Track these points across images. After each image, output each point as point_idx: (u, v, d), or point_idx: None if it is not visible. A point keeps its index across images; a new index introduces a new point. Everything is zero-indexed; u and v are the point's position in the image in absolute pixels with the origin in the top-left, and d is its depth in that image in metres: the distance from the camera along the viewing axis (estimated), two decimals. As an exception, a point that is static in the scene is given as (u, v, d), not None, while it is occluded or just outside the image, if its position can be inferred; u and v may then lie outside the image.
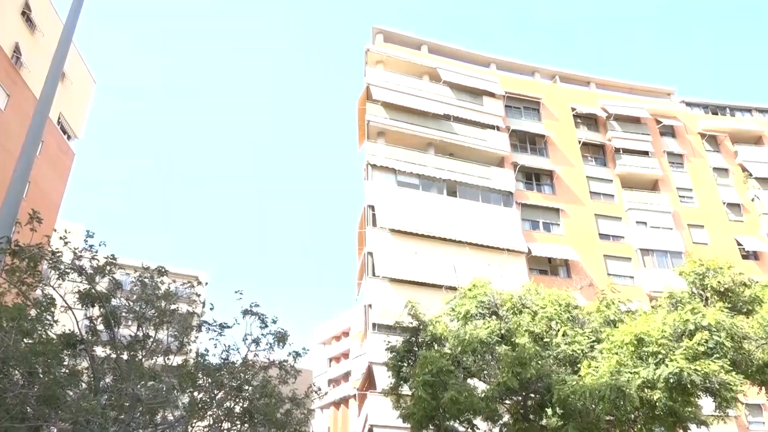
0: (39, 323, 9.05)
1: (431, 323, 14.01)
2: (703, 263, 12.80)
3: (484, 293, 13.91)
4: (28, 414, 8.38)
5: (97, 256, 10.47)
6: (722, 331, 10.38)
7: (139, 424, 9.87)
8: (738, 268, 13.24)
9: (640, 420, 10.98)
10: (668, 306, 12.45)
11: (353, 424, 56.17)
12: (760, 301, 12.30)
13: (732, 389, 9.70)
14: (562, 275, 37.06)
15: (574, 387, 10.52)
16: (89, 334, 10.55)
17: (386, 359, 14.46)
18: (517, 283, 16.07)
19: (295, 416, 12.27)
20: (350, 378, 65.11)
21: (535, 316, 12.86)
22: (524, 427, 12.46)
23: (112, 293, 10.54)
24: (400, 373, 13.92)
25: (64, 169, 28.93)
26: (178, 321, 11.21)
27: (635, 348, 9.96)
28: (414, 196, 36.33)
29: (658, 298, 13.20)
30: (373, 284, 33.59)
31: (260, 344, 11.58)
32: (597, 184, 41.14)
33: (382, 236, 34.62)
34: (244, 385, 11.27)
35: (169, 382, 10.32)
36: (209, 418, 11.10)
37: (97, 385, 9.68)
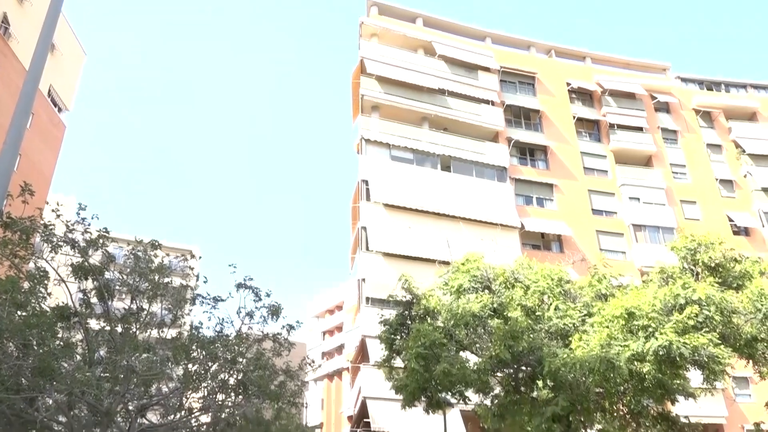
0: (32, 296, 9.06)
1: (424, 297, 14.08)
2: (694, 239, 12.86)
3: (477, 268, 13.96)
4: (23, 385, 8.43)
5: (89, 229, 10.44)
6: (712, 306, 10.48)
7: (134, 396, 9.95)
8: (729, 243, 13.34)
9: (629, 392, 11.14)
10: (659, 281, 12.55)
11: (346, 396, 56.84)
12: (749, 277, 12.41)
13: (720, 362, 9.84)
14: (554, 250, 37.28)
15: (564, 360, 10.64)
16: (83, 307, 10.57)
17: (379, 332, 14.56)
18: (510, 257, 16.15)
19: (288, 388, 12.40)
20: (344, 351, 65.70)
21: (528, 291, 12.94)
22: (515, 399, 12.62)
23: (105, 266, 10.54)
24: (393, 346, 14.02)
25: (55, 142, 28.68)
26: (172, 294, 11.25)
27: (626, 322, 10.06)
28: (408, 171, 36.28)
29: (650, 273, 13.30)
30: (367, 258, 33.70)
31: (254, 317, 11.66)
32: (591, 159, 41.17)
33: (375, 211, 34.64)
34: (238, 357, 11.35)
35: (164, 355, 10.39)
36: (204, 390, 11.21)
37: (91, 358, 9.73)
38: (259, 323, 11.74)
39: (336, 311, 79.86)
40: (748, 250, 29.89)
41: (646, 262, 34.46)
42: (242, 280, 11.63)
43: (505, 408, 12.70)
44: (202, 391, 11.24)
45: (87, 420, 9.49)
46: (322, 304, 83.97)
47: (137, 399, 10.16)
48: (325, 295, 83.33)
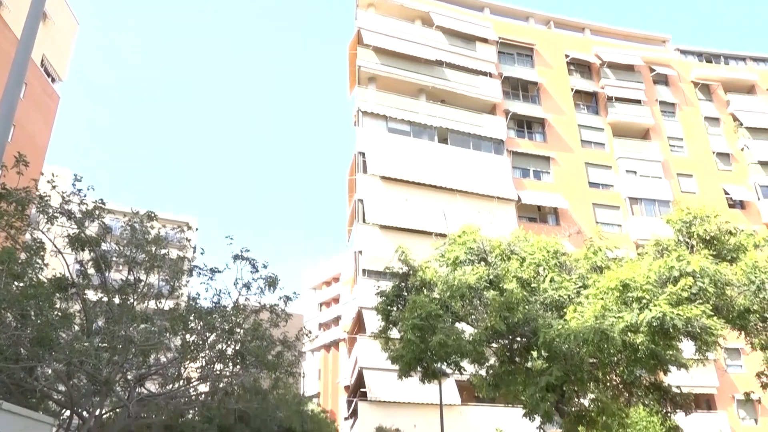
0: (29, 267, 9.07)
1: (421, 269, 14.14)
2: (690, 212, 12.89)
3: (473, 240, 13.99)
4: (22, 355, 8.49)
5: (85, 200, 10.42)
6: (706, 278, 10.55)
7: (132, 365, 10.04)
8: (724, 216, 13.37)
9: (622, 362, 11.28)
10: (654, 253, 12.61)
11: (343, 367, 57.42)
12: (744, 249, 12.47)
13: (713, 333, 9.94)
14: (551, 223, 37.40)
15: (559, 331, 10.74)
16: (80, 278, 10.60)
17: (376, 304, 14.65)
18: (507, 230, 16.19)
19: (286, 358, 12.53)
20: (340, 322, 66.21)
21: (523, 263, 13.00)
22: (510, 369, 12.76)
23: (101, 237, 10.54)
24: (390, 317, 14.12)
25: (49, 112, 28.43)
26: (169, 265, 11.28)
27: (620, 293, 10.14)
28: (405, 143, 36.14)
29: (645, 246, 13.36)
30: (364, 231, 33.76)
31: (251, 288, 11.72)
32: (588, 132, 41.05)
33: (372, 183, 34.59)
34: (235, 328, 11.44)
35: (161, 325, 10.45)
36: (202, 360, 11.31)
37: (89, 328, 9.79)
38: (256, 294, 11.82)
39: (333, 283, 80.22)
40: (743, 223, 30.07)
41: (642, 235, 34.62)
42: (239, 251, 11.66)
43: (499, 378, 12.85)
44: (200, 361, 11.35)
45: (86, 389, 9.60)
46: (318, 276, 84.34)
47: (136, 369, 10.26)
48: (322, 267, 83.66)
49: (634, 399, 13.21)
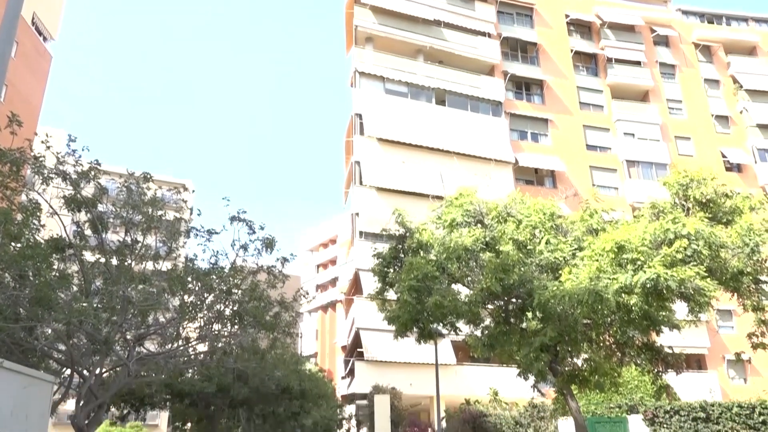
0: (26, 228, 9.05)
1: (417, 231, 14.17)
2: (687, 174, 12.87)
3: (470, 202, 13.99)
4: (21, 315, 8.55)
5: (80, 161, 10.34)
6: (700, 240, 10.59)
7: (131, 325, 10.13)
8: (721, 179, 13.36)
9: (615, 323, 11.42)
10: (650, 216, 12.63)
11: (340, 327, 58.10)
12: (739, 212, 12.48)
13: (706, 295, 10.03)
14: (547, 185, 37.41)
15: (554, 292, 10.83)
16: (77, 239, 10.60)
17: (373, 265, 14.72)
18: (503, 192, 16.20)
19: (283, 319, 12.65)
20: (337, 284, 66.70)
21: (520, 225, 13.03)
22: (505, 329, 12.91)
23: (97, 199, 10.50)
24: (386, 279, 14.21)
25: (41, 72, 28.01)
26: (166, 227, 11.27)
27: (615, 255, 10.19)
28: (402, 105, 35.83)
29: (641, 209, 13.38)
30: (361, 193, 33.74)
31: (248, 250, 11.74)
32: (587, 94, 40.72)
33: (369, 145, 34.42)
34: (233, 289, 11.51)
35: (159, 286, 10.51)
36: (200, 320, 11.41)
37: (87, 288, 9.84)
38: (254, 256, 11.85)
39: (330, 245, 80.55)
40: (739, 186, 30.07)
41: (638, 197, 34.70)
42: (236, 213, 11.65)
43: (494, 338, 13.02)
44: (199, 322, 11.45)
45: (86, 348, 9.70)
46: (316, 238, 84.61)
47: (135, 328, 10.35)
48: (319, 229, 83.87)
49: (627, 359, 13.42)
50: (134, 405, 16.73)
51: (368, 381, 26.30)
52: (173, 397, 16.19)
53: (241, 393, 14.89)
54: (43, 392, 6.57)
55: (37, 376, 6.50)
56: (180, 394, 15.51)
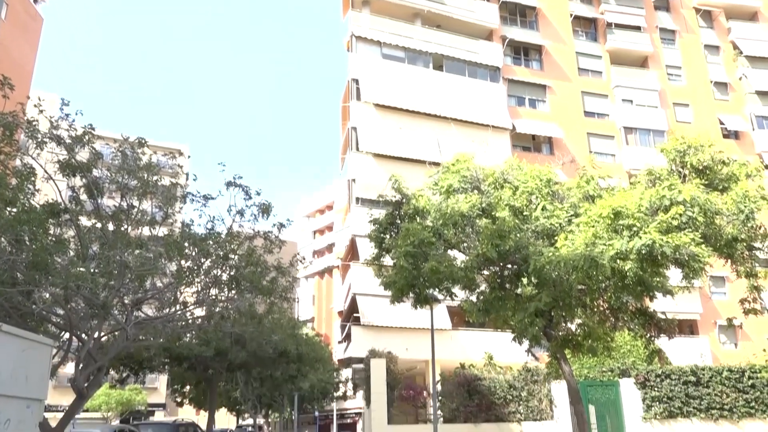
0: (21, 192, 9.01)
1: (414, 197, 14.16)
2: (685, 141, 12.83)
3: (466, 168, 13.95)
4: (18, 279, 8.57)
5: (74, 125, 10.24)
6: (696, 207, 10.61)
7: (128, 290, 10.17)
8: (718, 146, 13.34)
9: (610, 289, 11.51)
10: (646, 182, 12.63)
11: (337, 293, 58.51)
12: (735, 179, 12.49)
13: (700, 261, 10.10)
14: (545, 152, 37.32)
15: (550, 258, 10.89)
16: (73, 204, 10.57)
17: (369, 231, 14.75)
18: (500, 159, 16.15)
19: (280, 284, 12.70)
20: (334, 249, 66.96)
21: (516, 191, 13.02)
22: (500, 295, 13.02)
23: (92, 163, 10.42)
24: (383, 245, 14.25)
25: (33, 34, 27.53)
26: (162, 192, 11.22)
27: (611, 221, 10.21)
28: (399, 70, 35.45)
29: (638, 175, 13.37)
30: (357, 159, 33.60)
31: (245, 215, 11.73)
32: (586, 60, 40.32)
33: (366, 111, 34.15)
34: (230, 254, 11.53)
35: (156, 251, 10.51)
36: (197, 285, 11.45)
37: (84, 253, 9.84)
38: (250, 221, 11.85)
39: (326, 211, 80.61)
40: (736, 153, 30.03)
41: (635, 165, 34.67)
42: (232, 178, 11.60)
43: (489, 303, 13.13)
44: (196, 286, 11.50)
45: (84, 313, 9.75)
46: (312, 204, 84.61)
47: (132, 293, 10.39)
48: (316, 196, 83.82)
49: (620, 324, 13.58)
50: (133, 368, 16.92)
51: (365, 345, 26.58)
52: (172, 360, 16.37)
53: (239, 357, 15.06)
54: (43, 355, 6.63)
55: (35, 339, 6.55)
56: (178, 357, 15.69)
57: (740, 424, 18.79)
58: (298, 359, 18.90)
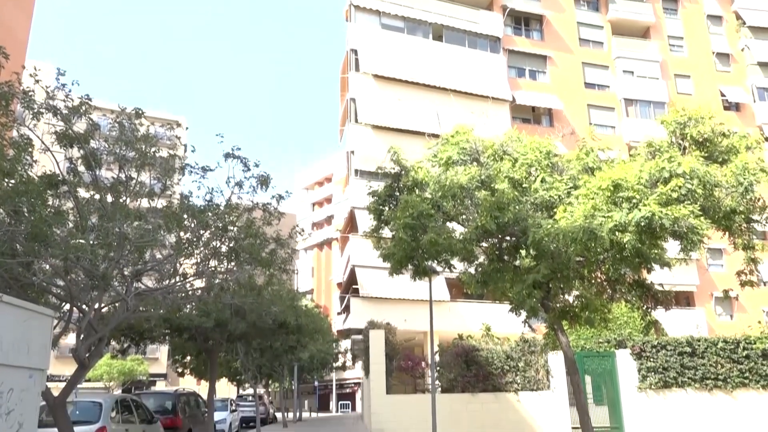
0: (18, 163, 8.96)
1: (413, 169, 14.13)
2: (685, 113, 12.74)
3: (466, 140, 13.88)
4: (17, 250, 8.58)
5: (70, 95, 10.14)
6: (695, 179, 10.59)
7: (128, 262, 10.19)
8: (719, 118, 13.25)
9: (608, 261, 11.55)
10: (646, 155, 12.58)
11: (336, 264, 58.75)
12: (736, 151, 12.43)
13: (699, 233, 10.12)
14: (544, 124, 37.16)
15: (548, 230, 10.90)
16: (71, 175, 10.53)
17: (368, 203, 14.75)
18: (500, 131, 16.07)
19: (279, 255, 12.73)
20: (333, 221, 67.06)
21: (515, 163, 12.98)
22: (498, 267, 13.07)
23: (90, 134, 10.35)
24: (382, 217, 14.26)
25: (27, 2, 27.09)
26: (160, 164, 11.17)
27: (611, 193, 10.20)
28: (398, 40, 35.06)
29: (637, 147, 13.31)
30: (356, 131, 33.43)
31: (243, 187, 11.69)
32: (587, 30, 39.89)
33: (365, 82, 33.86)
34: (229, 226, 11.53)
35: (155, 223, 10.50)
36: (197, 257, 11.47)
37: (83, 225, 9.83)
38: (249, 193, 11.81)
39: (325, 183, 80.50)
40: (737, 125, 29.97)
41: (635, 137, 34.58)
42: (230, 150, 11.53)
43: (488, 275, 13.19)
44: (195, 258, 11.52)
45: (84, 284, 9.78)
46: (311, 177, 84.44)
47: (132, 265, 10.41)
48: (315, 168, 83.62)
49: (617, 295, 13.67)
50: (134, 339, 17.06)
51: (363, 317, 26.82)
52: (172, 331, 16.49)
53: (239, 328, 15.17)
54: (44, 325, 6.68)
55: (36, 310, 6.58)
56: (179, 328, 15.80)
57: (734, 394, 19.06)
58: (297, 330, 19.04)
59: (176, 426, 19.69)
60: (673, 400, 19.02)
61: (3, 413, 5.64)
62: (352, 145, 33.61)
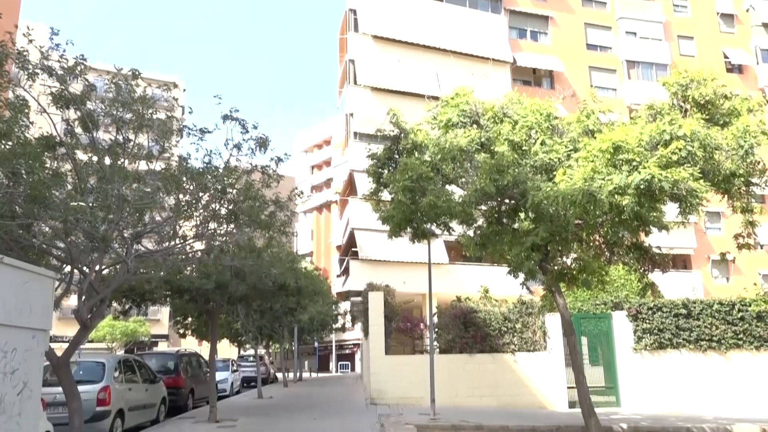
0: (15, 125, 8.89)
1: (412, 131, 14.04)
2: (687, 74, 12.60)
3: (466, 102, 13.76)
4: (17, 212, 8.58)
5: (65, 55, 10.00)
6: (696, 142, 10.54)
7: (128, 224, 10.21)
8: (721, 80, 13.10)
9: (607, 224, 11.58)
10: (647, 117, 12.49)
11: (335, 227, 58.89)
12: (737, 114, 12.33)
13: (698, 196, 10.11)
14: (545, 86, 36.82)
15: (548, 193, 10.89)
16: (68, 137, 10.46)
17: (367, 166, 14.70)
18: (500, 93, 15.93)
19: (278, 218, 12.75)
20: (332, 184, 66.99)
21: (515, 126, 12.89)
22: (497, 229, 13.10)
23: (86, 96, 10.24)
24: (381, 180, 14.23)
25: (18, -39, 26.49)
26: (158, 125, 11.08)
27: (611, 156, 10.16)
28: (398, 0, 34.46)
29: (638, 110, 13.20)
30: (355, 93, 33.13)
31: (242, 149, 11.63)
32: (590, -11, 39.18)
33: (364, 43, 33.41)
34: (227, 188, 11.51)
35: (154, 185, 10.49)
36: (196, 219, 11.49)
37: (82, 187, 9.81)
38: (247, 155, 11.76)
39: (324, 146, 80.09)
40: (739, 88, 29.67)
41: (636, 99, 34.32)
42: (228, 111, 11.44)
43: (486, 238, 13.23)
44: (195, 221, 11.54)
45: (85, 246, 9.81)
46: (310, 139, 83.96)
47: (131, 227, 10.43)
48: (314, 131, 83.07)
49: (615, 258, 13.74)
50: (135, 300, 17.19)
51: (363, 279, 27.02)
52: (173, 293, 16.61)
53: (239, 290, 15.28)
54: (45, 287, 6.73)
55: (37, 271, 6.63)
56: (179, 290, 15.90)
57: (727, 354, 19.35)
58: (297, 292, 19.18)
59: (178, 385, 20.04)
60: (668, 361, 19.33)
61: (8, 372, 5.73)
62: (351, 107, 33.33)
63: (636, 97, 35.10)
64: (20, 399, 5.92)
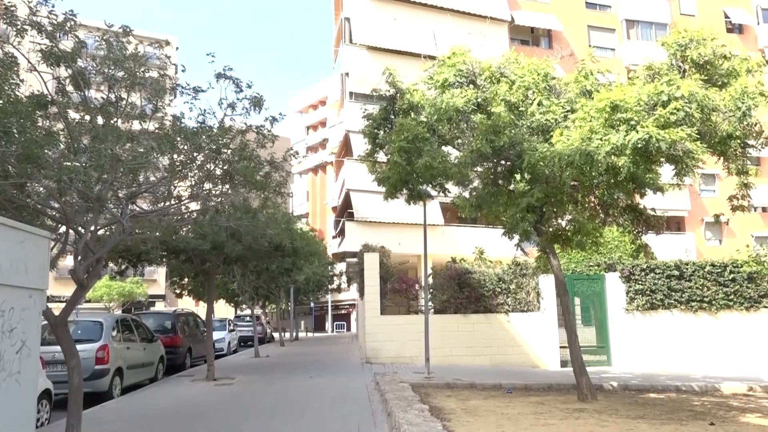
0: (5, 83, 8.74)
1: (408, 91, 13.89)
2: (687, 34, 12.43)
3: (463, 62, 13.57)
4: (10, 172, 8.51)
5: (54, 11, 9.76)
6: (693, 103, 10.47)
7: (122, 184, 10.14)
8: (721, 40, 12.94)
9: (602, 185, 11.58)
10: (645, 78, 12.37)
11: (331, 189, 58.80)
12: (736, 75, 12.21)
13: (694, 158, 10.10)
14: (543, 46, 36.38)
15: (544, 154, 10.85)
16: (59, 96, 10.30)
17: (363, 127, 14.60)
18: (497, 53, 15.71)
19: (274, 178, 12.69)
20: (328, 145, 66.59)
21: (513, 86, 12.75)
22: (493, 191, 13.09)
23: (77, 53, 10.03)
24: (377, 140, 14.14)
25: None
26: (151, 84, 10.90)
27: (609, 115, 10.08)
28: (394, -44, 33.69)
29: (636, 70, 13.07)
30: (350, 52, 32.68)
31: (236, 109, 11.48)
32: (591, -54, 38.38)
33: (359, 0, 32.80)
34: (222, 148, 11.40)
35: (148, 144, 10.37)
36: (191, 179, 11.42)
37: (75, 147, 9.71)
38: (242, 115, 11.61)
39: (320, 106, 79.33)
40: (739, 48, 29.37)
41: (635, 60, 33.93)
42: (222, 70, 11.25)
43: (482, 199, 13.23)
44: (190, 181, 11.47)
45: (79, 206, 9.77)
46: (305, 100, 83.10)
47: (126, 187, 10.36)
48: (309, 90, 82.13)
49: (610, 219, 13.80)
50: (131, 261, 17.23)
51: (358, 240, 27.13)
52: (169, 253, 16.65)
53: (235, 250, 15.32)
54: (41, 247, 6.73)
55: (33, 231, 6.61)
56: (175, 250, 15.94)
57: (718, 315, 19.64)
58: (293, 253, 19.27)
59: (176, 344, 20.28)
60: (659, 321, 19.61)
61: (6, 330, 5.77)
62: (346, 66, 32.90)
63: (635, 57, 34.71)
64: (19, 357, 5.97)
